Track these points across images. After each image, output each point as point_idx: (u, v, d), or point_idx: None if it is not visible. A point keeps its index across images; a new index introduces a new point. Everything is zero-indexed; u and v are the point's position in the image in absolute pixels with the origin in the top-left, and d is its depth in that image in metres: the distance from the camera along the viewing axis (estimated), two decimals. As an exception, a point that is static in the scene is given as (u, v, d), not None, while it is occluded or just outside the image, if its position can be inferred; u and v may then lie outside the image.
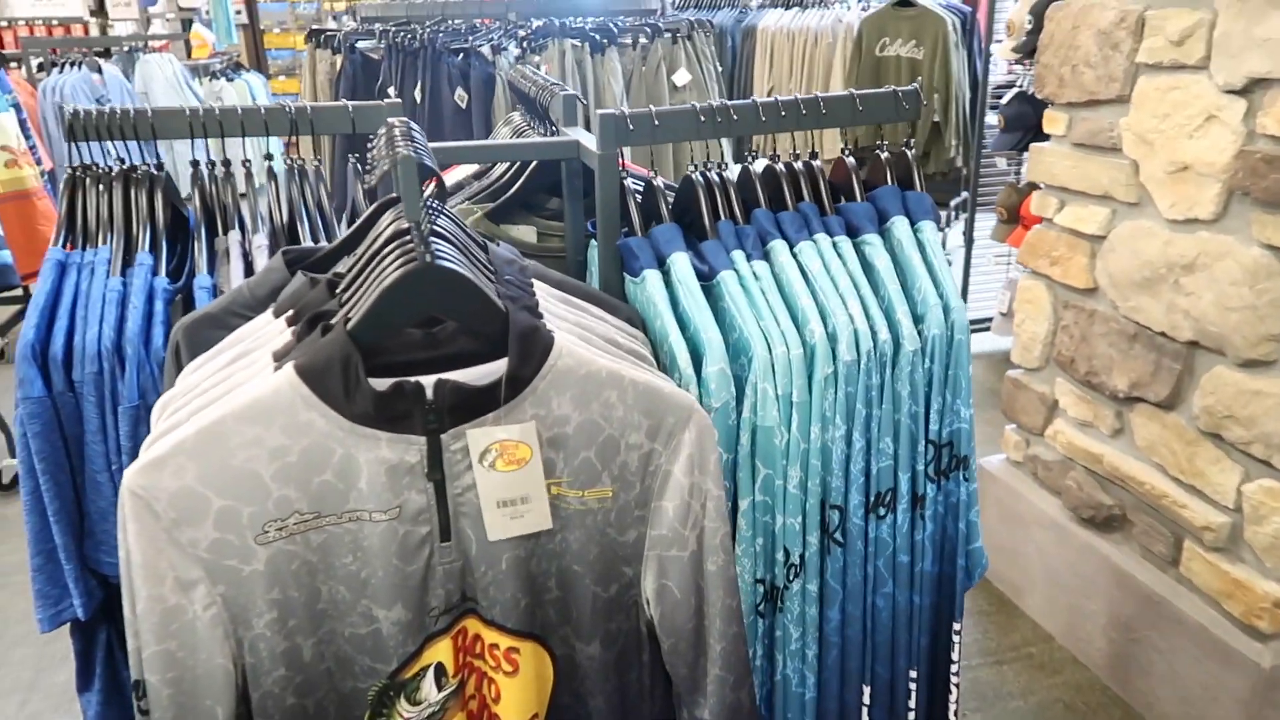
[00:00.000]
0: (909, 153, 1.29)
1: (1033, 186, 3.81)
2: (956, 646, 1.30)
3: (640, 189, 1.31)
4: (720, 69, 3.57)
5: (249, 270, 1.23)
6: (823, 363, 1.12)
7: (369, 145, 1.14)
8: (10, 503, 3.05)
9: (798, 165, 1.27)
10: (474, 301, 0.84)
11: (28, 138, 3.18)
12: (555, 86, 1.48)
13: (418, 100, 3.06)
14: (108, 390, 1.13)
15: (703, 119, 1.23)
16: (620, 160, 1.24)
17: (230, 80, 4.85)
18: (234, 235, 1.25)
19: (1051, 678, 2.25)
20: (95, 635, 1.25)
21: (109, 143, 1.24)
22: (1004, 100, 3.92)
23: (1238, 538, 1.94)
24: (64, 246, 1.22)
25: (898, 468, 1.18)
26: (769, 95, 1.29)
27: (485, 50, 3.07)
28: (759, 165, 1.29)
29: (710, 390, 1.09)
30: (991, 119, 4.04)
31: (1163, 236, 2.00)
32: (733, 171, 1.30)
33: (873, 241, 1.21)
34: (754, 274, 1.16)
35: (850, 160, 1.29)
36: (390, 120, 1.04)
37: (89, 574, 1.19)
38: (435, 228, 0.90)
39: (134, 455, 1.15)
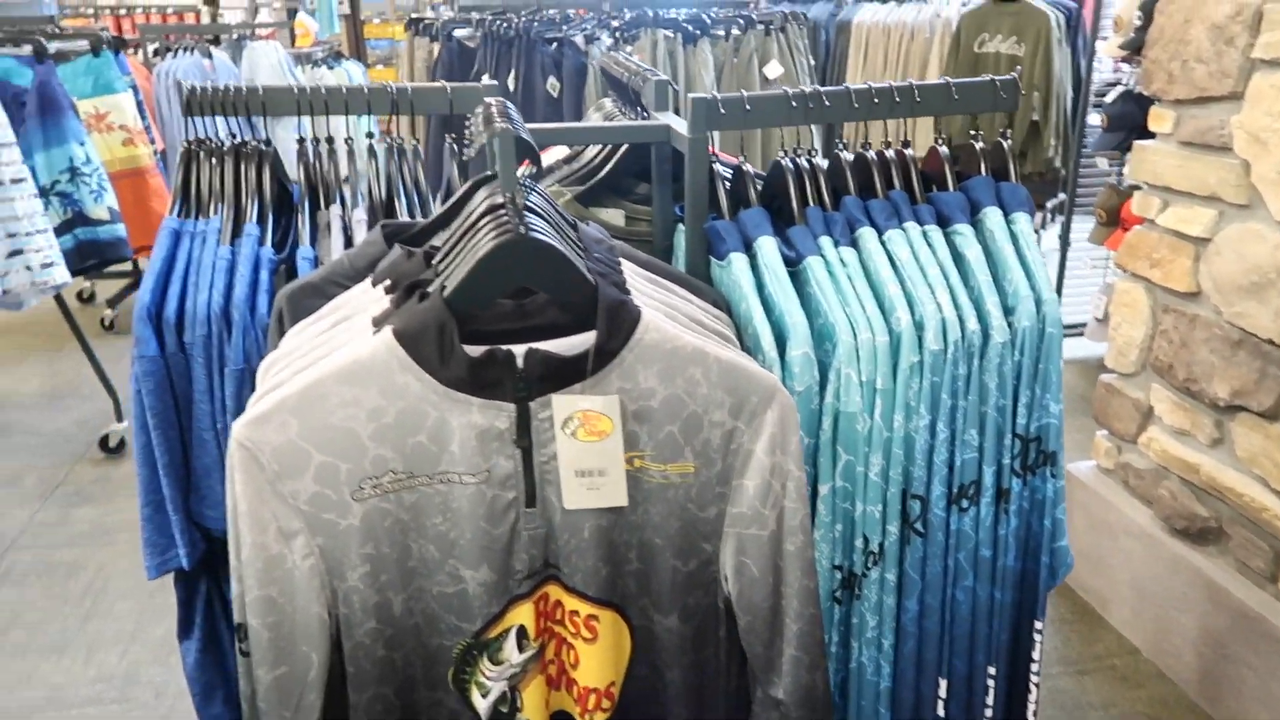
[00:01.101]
0: (1005, 143, 1.27)
1: (1134, 189, 3.69)
2: (1038, 646, 1.28)
3: (728, 175, 1.32)
4: (813, 63, 3.54)
5: (348, 243, 1.28)
6: (908, 351, 1.11)
7: (466, 124, 1.18)
8: (116, 465, 3.22)
9: (889, 153, 1.26)
10: (565, 274, 0.86)
11: (143, 118, 3.34)
12: (648, 72, 1.49)
13: (511, 88, 3.11)
14: (215, 353, 1.19)
15: (794, 105, 1.23)
16: (710, 146, 1.25)
17: (331, 68, 5.00)
18: (335, 209, 1.30)
19: (1135, 690, 2.19)
20: (196, 586, 1.32)
21: (220, 121, 1.31)
22: (1108, 99, 3.80)
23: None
24: (178, 216, 1.28)
25: (982, 460, 1.16)
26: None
27: (579, 40, 3.10)
28: (849, 154, 1.28)
29: (793, 374, 1.09)
30: (1093, 119, 3.91)
31: (1273, 240, 1.92)
32: (823, 159, 1.29)
33: (964, 232, 1.20)
34: (841, 260, 1.16)
35: (944, 150, 1.28)
36: (487, 100, 1.06)
37: (193, 526, 1.26)
38: (528, 203, 0.92)
39: (238, 416, 1.21)
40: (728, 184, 1.29)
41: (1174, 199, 2.18)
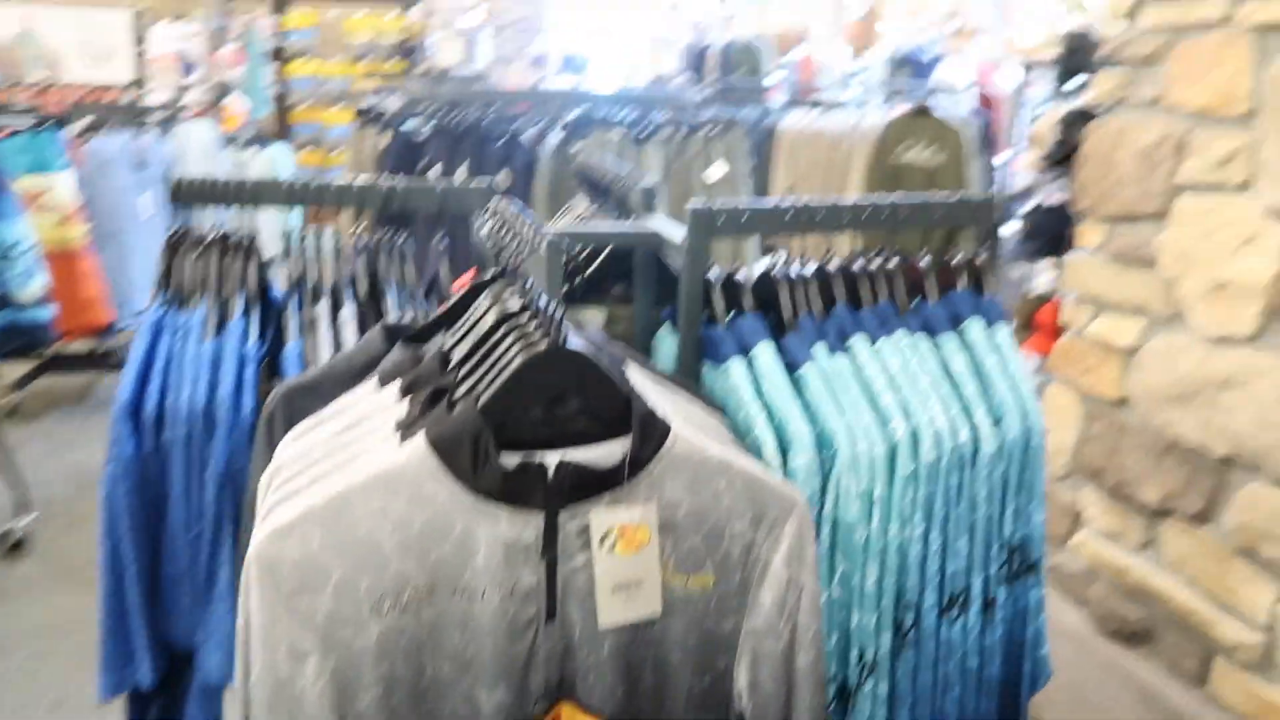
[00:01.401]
0: (981, 257, 1.33)
1: (1041, 300, 3.89)
2: (1019, 756, 1.29)
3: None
4: (754, 163, 3.67)
5: (337, 341, 1.25)
6: (905, 460, 1.13)
7: (476, 226, 1.17)
8: (17, 564, 2.99)
9: (874, 265, 1.30)
10: (600, 384, 0.86)
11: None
12: (631, 176, 1.52)
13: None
14: (195, 453, 1.13)
15: (788, 216, 1.27)
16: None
17: (259, 150, 4.94)
18: (323, 305, 1.27)
19: (1077, 794, 2.21)
20: (149, 707, 1.23)
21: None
22: (1024, 209, 4.03)
23: (1270, 658, 1.93)
24: (160, 306, 1.23)
25: (971, 569, 1.18)
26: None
27: (529, 136, 3.15)
28: (834, 263, 1.32)
29: (798, 481, 1.10)
30: (1009, 227, 4.14)
31: (1199, 352, 2.04)
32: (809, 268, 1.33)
33: (950, 342, 1.24)
34: (836, 369, 1.18)
35: (925, 262, 1.33)
36: (499, 202, 1.07)
37: (159, 641, 1.17)
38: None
39: (217, 522, 1.15)
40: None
41: (1103, 310, 2.31)
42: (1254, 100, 1.90)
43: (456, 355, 0.96)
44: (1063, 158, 3.68)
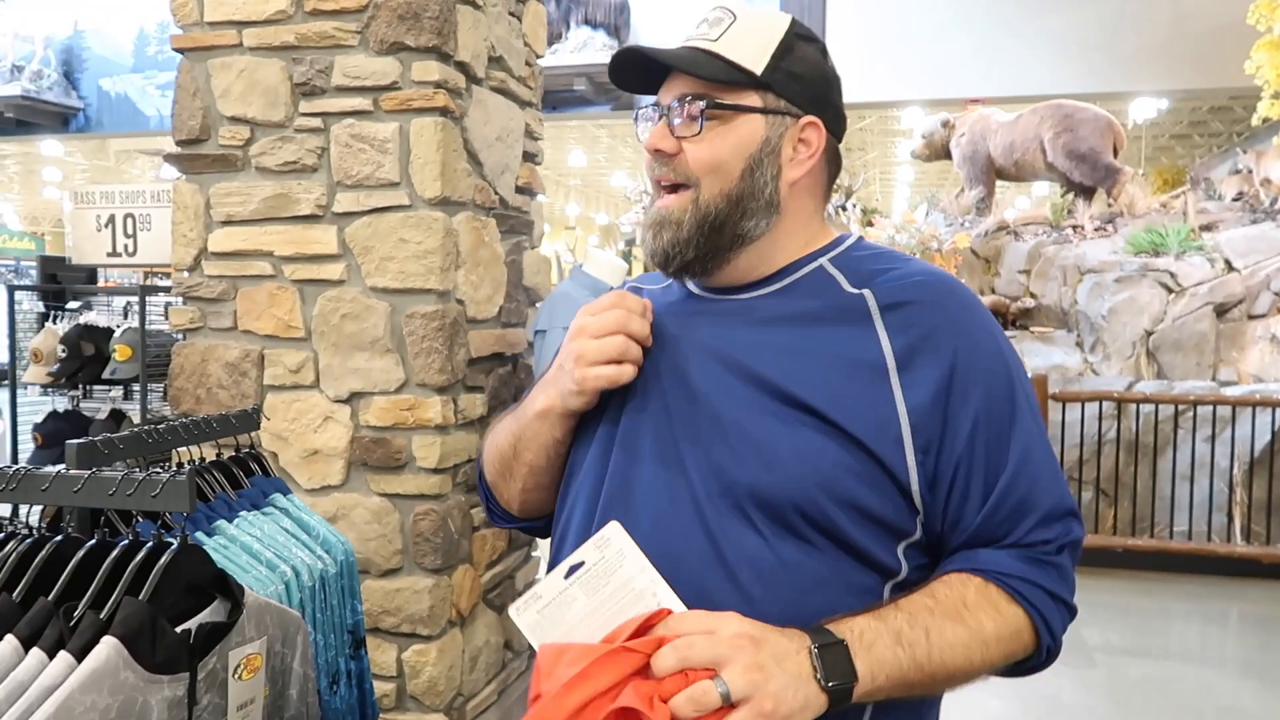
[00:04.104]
0: (253, 452, 1.87)
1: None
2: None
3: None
4: None
5: None
6: (295, 591, 1.62)
7: None
8: None
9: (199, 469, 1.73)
10: (210, 567, 1.20)
11: None
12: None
13: None
14: None
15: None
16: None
17: None
18: None
19: None
20: None
21: None
22: (39, 419, 4.19)
23: (403, 694, 2.80)
24: None
25: (339, 654, 1.72)
26: None
27: None
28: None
29: (249, 624, 1.49)
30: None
31: (307, 501, 2.81)
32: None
33: (272, 510, 1.76)
34: (220, 544, 1.60)
35: (229, 455, 1.80)
36: None
37: None
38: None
39: None
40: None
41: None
42: (307, 328, 2.79)
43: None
44: (75, 370, 4.03)
